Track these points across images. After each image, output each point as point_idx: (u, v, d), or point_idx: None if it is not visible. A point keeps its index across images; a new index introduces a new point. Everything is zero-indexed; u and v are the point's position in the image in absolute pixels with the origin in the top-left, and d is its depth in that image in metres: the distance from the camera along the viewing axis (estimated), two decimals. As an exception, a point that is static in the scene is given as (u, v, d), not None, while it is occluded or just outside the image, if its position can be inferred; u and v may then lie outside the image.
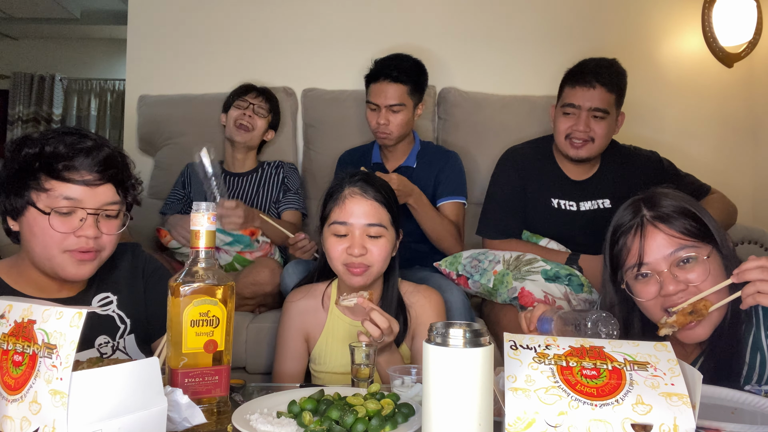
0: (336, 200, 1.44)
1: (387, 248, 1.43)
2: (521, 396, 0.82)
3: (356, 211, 1.41)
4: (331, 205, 1.44)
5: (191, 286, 0.96)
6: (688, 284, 1.16)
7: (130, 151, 2.91)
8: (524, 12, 2.94)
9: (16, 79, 6.49)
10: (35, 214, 1.14)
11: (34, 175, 1.13)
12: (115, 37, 6.29)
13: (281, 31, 2.94)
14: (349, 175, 1.47)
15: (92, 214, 1.16)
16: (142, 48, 2.92)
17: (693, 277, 1.16)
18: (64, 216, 1.15)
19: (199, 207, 0.98)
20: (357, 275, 1.40)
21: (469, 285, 2.02)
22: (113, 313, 1.28)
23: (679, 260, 1.17)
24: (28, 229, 1.16)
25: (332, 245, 1.42)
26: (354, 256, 1.38)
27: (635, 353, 0.88)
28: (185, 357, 0.95)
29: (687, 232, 1.17)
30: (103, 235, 1.19)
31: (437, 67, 2.92)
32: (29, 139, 1.17)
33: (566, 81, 2.14)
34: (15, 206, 1.16)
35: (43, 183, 1.14)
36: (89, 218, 1.16)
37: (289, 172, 2.54)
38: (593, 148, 2.09)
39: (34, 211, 1.14)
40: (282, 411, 0.99)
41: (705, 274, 1.16)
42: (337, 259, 1.41)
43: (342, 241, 1.40)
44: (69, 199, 1.14)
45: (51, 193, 1.14)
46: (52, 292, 1.23)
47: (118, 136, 6.46)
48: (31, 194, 1.14)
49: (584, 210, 2.17)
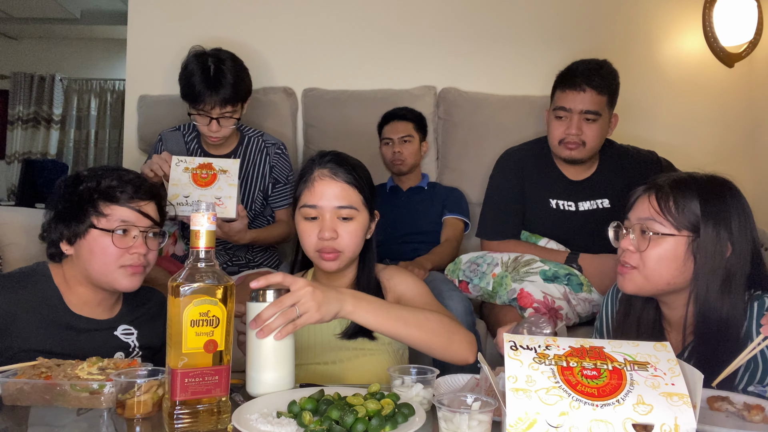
0: (306, 182, 1.39)
1: (359, 231, 1.38)
2: (522, 396, 0.82)
3: (326, 193, 1.36)
4: (302, 188, 1.40)
5: (191, 286, 0.96)
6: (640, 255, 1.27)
7: (130, 151, 2.91)
8: (524, 12, 2.94)
9: (16, 79, 6.48)
10: (97, 236, 1.38)
11: (93, 203, 1.38)
12: (115, 37, 6.29)
13: (281, 31, 2.94)
14: (320, 156, 1.42)
15: (142, 232, 1.40)
16: (142, 48, 2.92)
17: (649, 252, 1.26)
18: (121, 235, 1.39)
19: (199, 207, 0.98)
20: (329, 260, 1.36)
21: (470, 289, 2.02)
22: (132, 342, 1.50)
23: (643, 228, 1.27)
24: (88, 250, 1.39)
25: (304, 230, 1.38)
26: (325, 239, 1.34)
27: (635, 353, 0.88)
28: (185, 357, 0.95)
29: (667, 209, 1.25)
30: (149, 252, 1.43)
31: (437, 67, 2.92)
32: (83, 176, 1.43)
33: (557, 85, 2.14)
34: (76, 231, 1.39)
35: (103, 209, 1.38)
36: (140, 236, 1.40)
37: (276, 159, 2.34)
38: (585, 151, 2.09)
39: (95, 233, 1.38)
40: (282, 411, 0.98)
41: (661, 251, 1.25)
42: (309, 245, 1.38)
43: (313, 225, 1.37)
44: (125, 221, 1.39)
45: (110, 217, 1.38)
46: (91, 311, 1.45)
47: (118, 136, 6.47)
48: (92, 219, 1.38)
49: (583, 210, 2.17)
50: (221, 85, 2.10)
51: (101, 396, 1.04)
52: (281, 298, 1.10)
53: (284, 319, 1.09)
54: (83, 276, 1.42)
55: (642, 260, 1.26)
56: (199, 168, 1.96)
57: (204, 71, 2.11)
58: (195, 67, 2.12)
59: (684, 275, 1.25)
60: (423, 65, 2.92)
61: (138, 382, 1.02)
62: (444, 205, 2.57)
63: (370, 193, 1.43)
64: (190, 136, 2.36)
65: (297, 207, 1.41)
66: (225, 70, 2.12)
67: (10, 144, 6.44)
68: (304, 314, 1.10)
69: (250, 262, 2.35)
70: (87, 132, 6.67)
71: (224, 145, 2.30)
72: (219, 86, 2.10)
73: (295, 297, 1.10)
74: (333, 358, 1.38)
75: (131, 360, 1.18)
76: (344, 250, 1.37)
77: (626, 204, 1.35)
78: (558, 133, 2.10)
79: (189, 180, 1.94)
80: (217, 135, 2.19)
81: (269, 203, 2.38)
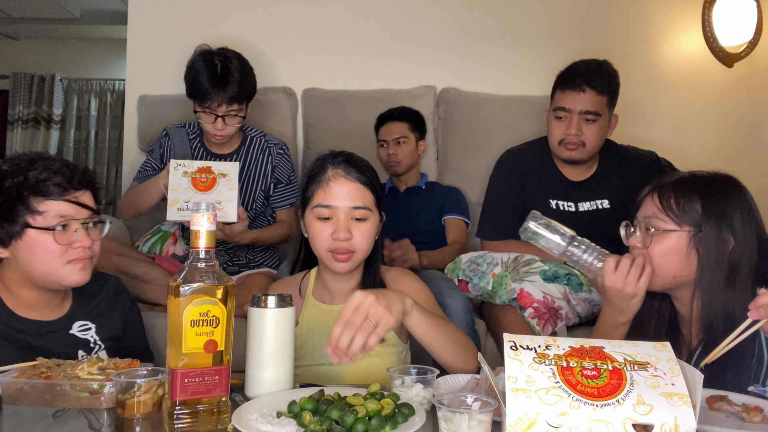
0: (319, 182, 1.37)
1: (371, 232, 1.38)
2: (522, 397, 0.82)
3: (341, 193, 1.35)
4: (314, 188, 1.38)
5: (191, 286, 0.96)
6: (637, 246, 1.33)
7: (130, 151, 2.91)
8: (524, 12, 2.94)
9: (16, 79, 6.47)
10: (34, 235, 1.28)
11: (24, 201, 1.27)
12: (115, 37, 6.28)
13: (281, 31, 2.94)
14: (332, 156, 1.41)
15: (83, 224, 1.32)
16: (142, 48, 2.92)
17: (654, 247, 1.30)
18: (62, 231, 1.29)
19: (199, 207, 0.98)
20: (341, 261, 1.35)
21: (469, 289, 2.02)
22: (90, 338, 1.43)
23: (648, 226, 1.31)
24: (28, 251, 1.29)
25: (317, 231, 1.36)
26: (339, 240, 1.33)
27: (635, 353, 0.88)
28: (185, 357, 0.95)
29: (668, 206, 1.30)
30: (93, 243, 1.35)
31: (437, 67, 2.92)
32: (4, 170, 1.29)
33: (557, 85, 2.14)
34: (10, 232, 1.28)
35: (36, 206, 1.28)
36: (81, 229, 1.32)
37: (278, 159, 2.34)
38: (584, 151, 2.09)
39: (32, 233, 1.28)
40: (282, 411, 0.99)
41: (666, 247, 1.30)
42: (321, 246, 1.36)
43: (326, 225, 1.35)
44: (63, 216, 1.29)
45: (46, 213, 1.28)
46: (38, 312, 1.36)
47: (118, 136, 6.46)
48: (26, 218, 1.27)
49: (583, 211, 2.17)
50: (228, 83, 2.12)
51: (101, 396, 1.04)
52: (351, 318, 1.08)
53: (365, 335, 1.07)
54: (24, 278, 1.33)
55: (648, 256, 1.31)
56: (199, 172, 1.96)
57: (211, 69, 2.13)
58: (202, 66, 2.14)
59: (689, 269, 1.29)
60: (423, 65, 2.92)
61: (138, 382, 1.02)
62: (443, 205, 2.55)
63: (381, 193, 1.43)
64: (193, 134, 2.37)
65: (309, 207, 1.39)
66: (231, 68, 2.15)
67: (10, 144, 6.42)
68: (380, 322, 1.09)
69: (251, 262, 2.35)
70: (87, 132, 6.66)
71: (227, 145, 2.31)
72: (226, 84, 2.12)
73: (363, 310, 1.09)
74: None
75: (131, 360, 1.18)
76: (358, 251, 1.36)
77: (634, 204, 1.39)
78: (558, 134, 2.10)
79: (188, 184, 1.94)
80: (222, 133, 2.20)
81: (270, 203, 2.38)
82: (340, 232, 1.33)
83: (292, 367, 1.15)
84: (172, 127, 2.39)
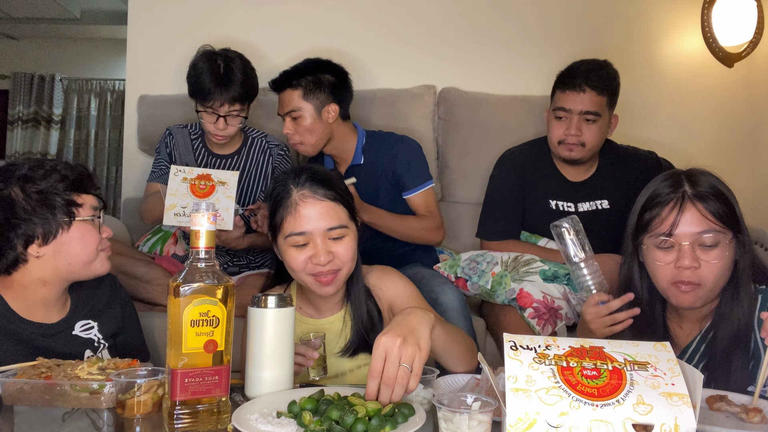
0: (286, 207, 1.28)
1: (352, 244, 1.30)
2: (522, 396, 0.82)
3: (312, 216, 1.26)
4: (282, 214, 1.28)
5: (191, 286, 0.96)
6: (700, 262, 1.23)
7: (130, 151, 2.91)
8: (524, 12, 2.94)
9: (16, 79, 6.48)
10: (81, 226, 1.37)
11: (65, 196, 1.35)
12: (115, 37, 6.28)
13: (280, 31, 2.93)
14: (294, 174, 1.31)
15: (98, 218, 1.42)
16: (142, 48, 2.92)
17: (708, 258, 1.23)
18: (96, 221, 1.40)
19: (199, 207, 0.98)
20: (327, 284, 1.29)
21: (468, 287, 2.02)
22: (94, 336, 1.45)
23: (703, 242, 1.23)
24: (75, 241, 1.36)
25: (293, 257, 1.28)
26: (321, 264, 1.26)
27: (635, 353, 0.88)
28: (185, 357, 0.95)
29: (717, 214, 1.23)
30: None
31: (437, 67, 2.92)
32: (42, 169, 1.37)
33: (557, 85, 2.14)
34: (58, 224, 1.34)
35: (77, 199, 1.37)
36: (98, 220, 1.41)
37: (279, 160, 2.33)
38: (584, 151, 2.09)
39: (79, 223, 1.37)
40: (282, 411, 0.99)
41: (719, 258, 1.23)
42: (302, 271, 1.28)
43: (303, 251, 1.27)
44: (95, 208, 1.40)
45: (84, 205, 1.38)
46: (43, 315, 1.38)
47: (118, 136, 6.46)
48: (73, 209, 1.36)
49: (582, 211, 2.17)
50: (231, 83, 2.13)
51: (101, 396, 1.04)
52: (388, 375, 1.00)
53: (403, 386, 1.00)
54: (54, 274, 1.36)
55: (704, 274, 1.23)
56: (198, 179, 1.96)
57: (214, 69, 2.13)
58: (204, 65, 2.15)
59: (728, 276, 1.26)
60: (423, 65, 2.92)
61: (138, 382, 1.02)
62: (396, 182, 2.18)
63: (352, 201, 1.36)
64: (195, 135, 2.38)
65: (280, 235, 1.30)
66: (234, 68, 2.15)
67: (10, 144, 6.43)
68: (414, 363, 1.01)
69: (251, 262, 2.35)
70: (87, 132, 6.66)
71: (228, 145, 2.32)
72: (229, 84, 2.13)
73: (393, 359, 1.00)
74: (335, 371, 1.37)
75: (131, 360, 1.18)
76: (342, 267, 1.30)
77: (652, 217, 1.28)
78: (558, 134, 2.10)
79: (187, 190, 1.95)
80: (223, 133, 2.20)
81: None
82: (320, 257, 1.26)
83: (292, 367, 1.15)
84: (175, 127, 2.41)
